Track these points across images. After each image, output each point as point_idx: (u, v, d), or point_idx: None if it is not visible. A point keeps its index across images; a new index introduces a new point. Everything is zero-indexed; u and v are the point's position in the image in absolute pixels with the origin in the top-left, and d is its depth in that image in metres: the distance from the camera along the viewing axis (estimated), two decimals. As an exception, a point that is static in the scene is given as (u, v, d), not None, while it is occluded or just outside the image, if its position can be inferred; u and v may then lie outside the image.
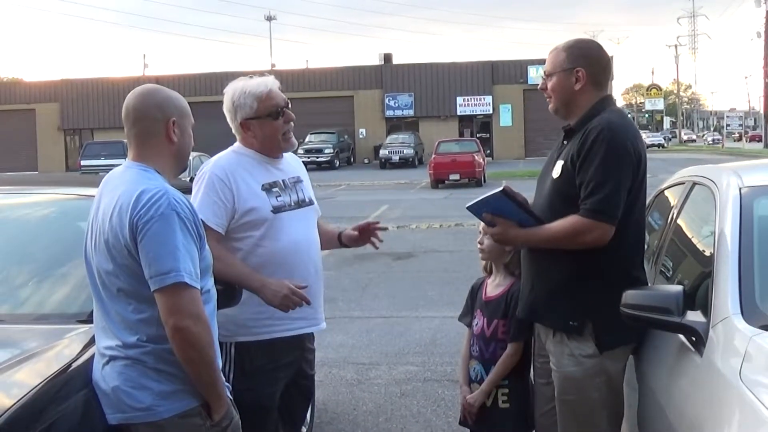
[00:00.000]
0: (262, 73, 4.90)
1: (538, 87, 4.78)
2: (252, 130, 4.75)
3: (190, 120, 3.95)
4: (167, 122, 3.80)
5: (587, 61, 4.54)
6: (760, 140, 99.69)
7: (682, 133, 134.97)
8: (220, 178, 4.65)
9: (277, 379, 4.78)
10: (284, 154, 4.94)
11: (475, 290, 5.43)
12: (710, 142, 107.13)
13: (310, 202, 4.92)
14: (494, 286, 5.27)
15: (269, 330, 4.70)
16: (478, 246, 5.27)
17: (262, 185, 4.71)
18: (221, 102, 4.87)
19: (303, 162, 5.28)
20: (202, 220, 4.46)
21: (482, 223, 4.91)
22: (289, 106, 4.83)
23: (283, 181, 4.81)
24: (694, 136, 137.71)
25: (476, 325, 5.29)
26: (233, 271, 4.54)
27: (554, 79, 4.59)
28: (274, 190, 4.74)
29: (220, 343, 4.46)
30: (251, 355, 4.69)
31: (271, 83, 4.79)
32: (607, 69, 4.65)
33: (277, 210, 4.70)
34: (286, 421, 5.03)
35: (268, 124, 4.73)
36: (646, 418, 4.35)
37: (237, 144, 4.87)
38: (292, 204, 4.79)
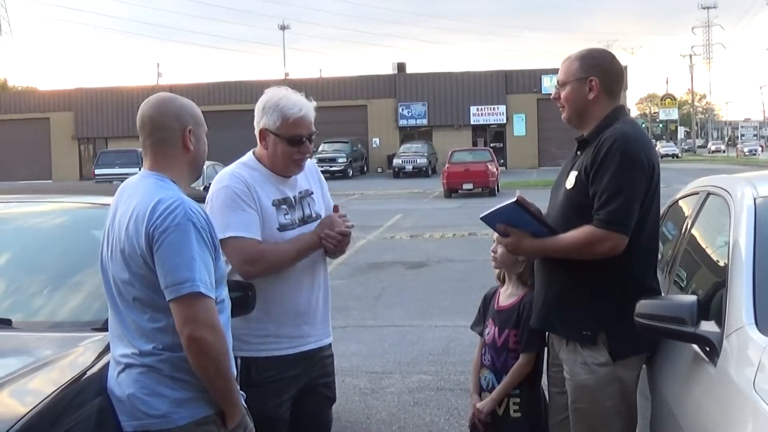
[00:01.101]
0: (306, 97, 4.83)
1: (552, 96, 4.79)
2: (266, 142, 4.70)
3: (205, 128, 3.95)
4: (184, 131, 3.81)
5: (600, 71, 4.54)
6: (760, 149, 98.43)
7: (710, 143, 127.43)
8: (242, 190, 4.60)
9: (284, 391, 4.74)
10: None
11: (488, 299, 5.44)
12: (747, 153, 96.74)
13: (317, 218, 4.85)
14: (507, 296, 5.27)
15: (268, 348, 4.68)
16: (491, 255, 5.27)
17: (273, 201, 4.69)
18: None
19: None
20: (243, 237, 4.50)
21: (496, 234, 4.92)
22: (313, 137, 4.77)
23: (293, 197, 4.79)
24: (722, 146, 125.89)
25: (488, 334, 5.29)
26: (290, 253, 4.64)
27: (567, 89, 4.59)
28: (283, 207, 4.70)
29: None
30: (257, 368, 4.67)
31: (306, 110, 4.68)
32: (620, 78, 4.65)
33: (283, 228, 4.66)
34: (313, 429, 5.01)
35: (282, 146, 4.66)
36: (659, 427, 4.35)
37: (248, 156, 4.84)
38: (297, 221, 4.75)
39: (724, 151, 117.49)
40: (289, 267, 4.65)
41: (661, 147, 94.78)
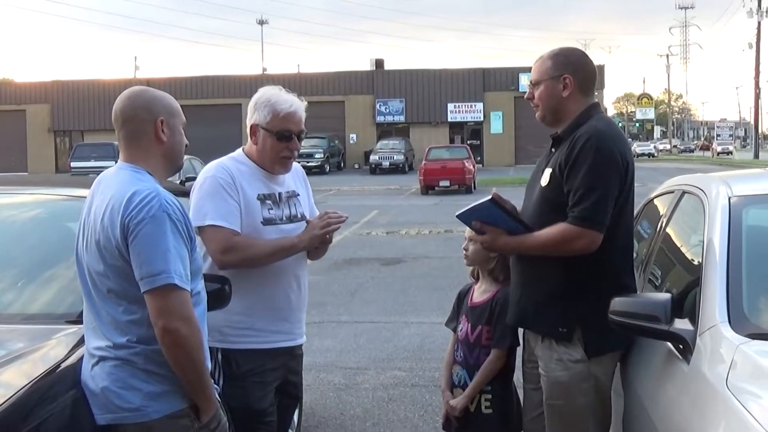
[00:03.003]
0: (290, 83, 4.89)
1: (525, 97, 4.79)
2: (256, 137, 4.76)
3: (181, 119, 3.94)
4: (155, 122, 3.80)
5: (573, 68, 4.56)
6: (707, 149, 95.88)
7: (714, 143, 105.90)
8: (226, 180, 4.64)
9: (266, 384, 4.76)
10: None
11: (462, 296, 5.45)
12: None
13: (302, 218, 4.88)
14: (481, 293, 5.29)
15: (246, 341, 4.70)
16: (463, 252, 5.29)
17: (257, 195, 4.71)
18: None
19: None
20: (221, 226, 4.51)
21: (467, 230, 4.94)
22: (302, 136, 4.82)
23: (279, 194, 4.80)
24: (730, 147, 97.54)
25: (461, 330, 5.31)
26: (266, 250, 4.64)
27: (542, 87, 4.60)
28: (268, 202, 4.73)
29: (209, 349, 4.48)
30: (238, 361, 4.69)
31: (297, 107, 4.77)
32: (593, 76, 4.66)
33: (267, 222, 4.68)
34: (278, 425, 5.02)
35: (271, 141, 4.72)
36: (631, 425, 4.37)
37: (238, 151, 4.88)
38: (284, 218, 4.77)
39: (730, 153, 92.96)
40: (263, 264, 4.67)
41: (637, 146, 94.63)
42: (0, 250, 5.17)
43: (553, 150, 4.60)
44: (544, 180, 4.49)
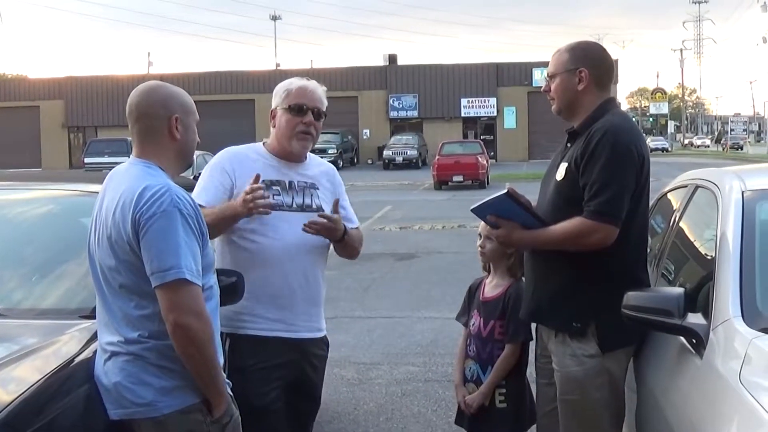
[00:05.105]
0: (307, 76, 4.93)
1: (542, 89, 4.79)
2: (275, 119, 4.83)
3: (195, 117, 3.94)
4: (170, 119, 3.80)
5: (590, 62, 4.55)
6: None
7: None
8: (219, 164, 4.74)
9: (269, 380, 4.70)
10: (311, 164, 4.92)
11: (473, 290, 5.44)
12: None
13: (318, 209, 4.78)
14: (492, 287, 5.28)
15: (244, 326, 4.67)
16: (479, 249, 5.28)
17: (262, 181, 4.68)
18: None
19: None
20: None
21: (481, 227, 4.93)
22: (321, 115, 4.86)
23: (290, 182, 4.77)
24: None
25: (473, 325, 5.30)
26: (207, 213, 4.36)
27: (557, 80, 4.59)
28: (274, 188, 4.70)
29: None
30: (243, 351, 4.65)
31: (311, 85, 4.88)
32: (610, 70, 4.65)
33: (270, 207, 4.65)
34: (295, 428, 4.99)
35: (286, 116, 4.76)
36: (644, 419, 4.36)
37: (259, 142, 4.93)
38: (294, 206, 4.72)
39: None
40: (218, 230, 4.54)
41: (651, 141, 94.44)
42: (14, 246, 5.19)
43: (568, 144, 4.59)
44: (560, 174, 4.48)
